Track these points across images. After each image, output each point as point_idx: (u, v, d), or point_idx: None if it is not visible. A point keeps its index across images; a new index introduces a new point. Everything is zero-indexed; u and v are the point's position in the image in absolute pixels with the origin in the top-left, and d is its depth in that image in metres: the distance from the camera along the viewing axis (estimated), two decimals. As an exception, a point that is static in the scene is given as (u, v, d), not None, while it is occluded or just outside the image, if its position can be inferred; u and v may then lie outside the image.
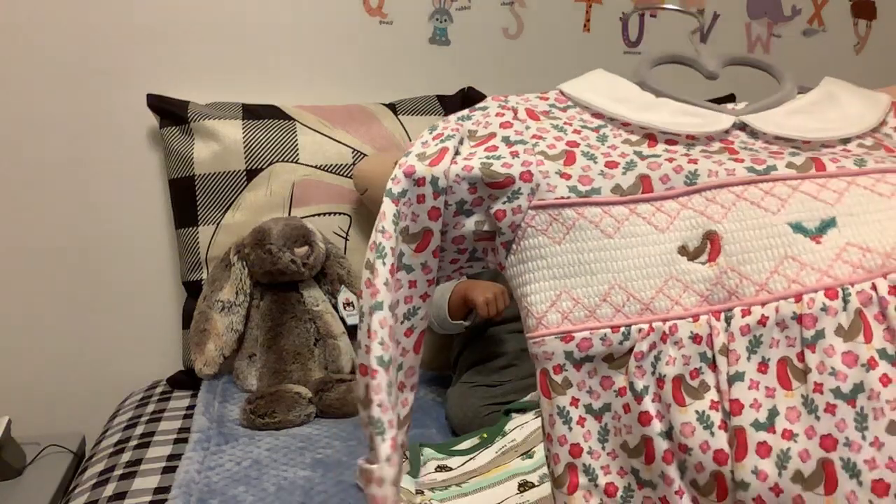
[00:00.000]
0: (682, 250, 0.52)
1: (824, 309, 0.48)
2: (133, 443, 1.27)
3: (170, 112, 1.58)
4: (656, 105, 0.60)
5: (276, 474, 1.12)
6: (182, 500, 1.02)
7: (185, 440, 1.23)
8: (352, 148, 1.63)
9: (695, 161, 0.54)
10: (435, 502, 0.96)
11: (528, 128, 0.59)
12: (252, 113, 1.61)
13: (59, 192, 1.61)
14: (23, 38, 1.57)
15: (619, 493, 0.51)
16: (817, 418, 0.46)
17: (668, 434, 0.49)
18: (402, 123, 1.69)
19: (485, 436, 1.12)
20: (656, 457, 0.49)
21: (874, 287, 0.48)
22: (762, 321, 0.49)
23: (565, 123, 0.60)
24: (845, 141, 0.57)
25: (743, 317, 0.49)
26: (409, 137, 1.67)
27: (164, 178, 1.64)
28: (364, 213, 1.63)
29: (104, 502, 1.08)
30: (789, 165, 0.53)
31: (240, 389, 1.46)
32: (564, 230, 0.54)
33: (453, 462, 1.06)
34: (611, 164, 0.56)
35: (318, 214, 1.59)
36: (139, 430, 1.33)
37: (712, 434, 0.48)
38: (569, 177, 0.55)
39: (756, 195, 0.52)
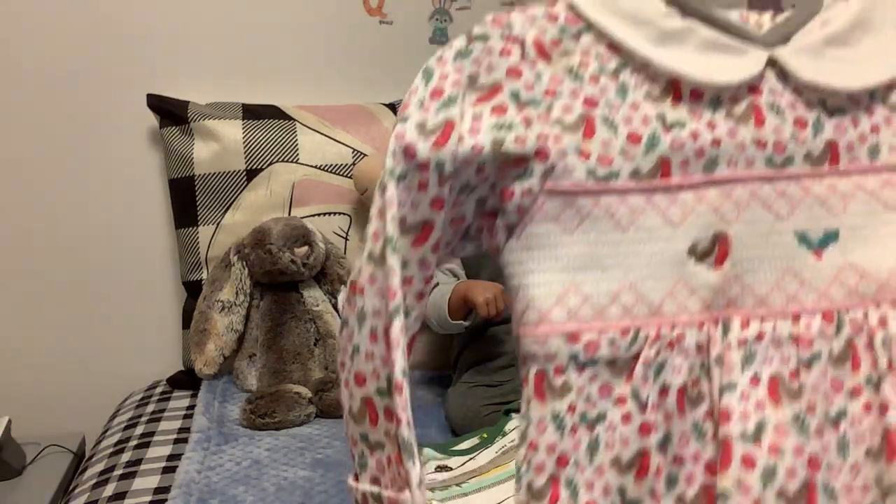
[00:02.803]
0: (692, 250, 0.50)
1: (821, 333, 0.49)
2: (133, 443, 1.27)
3: (170, 112, 1.58)
4: (681, 32, 0.51)
5: (276, 474, 1.12)
6: (182, 500, 1.02)
7: (185, 440, 1.23)
8: (352, 148, 1.63)
9: (717, 143, 0.51)
10: (435, 502, 0.96)
11: (539, 77, 0.51)
12: (252, 113, 1.61)
13: (59, 192, 1.61)
14: (23, 39, 1.57)
15: None
16: (807, 438, 0.47)
17: (663, 446, 0.48)
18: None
19: (485, 436, 1.11)
20: (650, 471, 0.48)
21: (865, 316, 0.49)
22: (759, 337, 0.49)
23: (580, 66, 0.51)
24: (872, 95, 0.53)
25: (742, 329, 0.49)
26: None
27: (164, 178, 1.64)
28: (364, 213, 1.63)
29: (104, 502, 1.08)
30: (807, 157, 0.52)
31: (240, 389, 1.46)
32: (578, 219, 0.50)
33: (453, 462, 1.06)
34: (633, 138, 0.50)
35: (318, 214, 1.59)
36: (139, 430, 1.33)
37: (705, 444, 0.48)
38: (587, 156, 0.50)
39: (769, 195, 0.51)
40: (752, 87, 0.52)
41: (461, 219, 0.54)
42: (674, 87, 0.51)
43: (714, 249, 0.50)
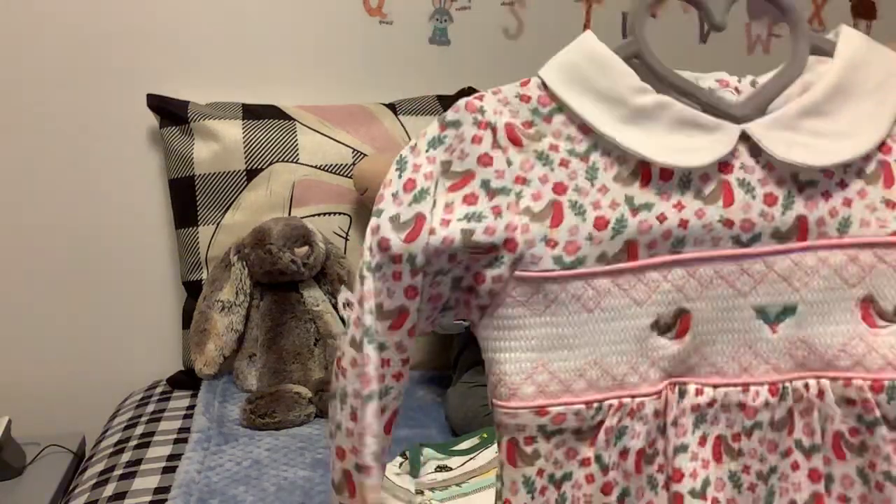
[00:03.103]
0: (654, 325, 0.53)
1: (766, 404, 0.54)
2: (133, 443, 1.27)
3: (170, 112, 1.58)
4: (653, 111, 0.52)
5: (276, 474, 1.12)
6: (182, 500, 1.02)
7: (185, 440, 1.23)
8: (352, 148, 1.63)
9: (684, 224, 0.52)
10: (435, 502, 0.96)
11: (509, 163, 0.52)
12: (252, 113, 1.61)
13: (59, 191, 1.61)
14: (23, 39, 1.57)
15: None
16: (739, 493, 0.54)
17: (621, 499, 0.53)
18: (402, 123, 1.69)
19: (485, 436, 1.12)
20: None
21: (806, 387, 0.54)
22: (711, 403, 0.54)
23: (550, 148, 0.53)
24: (847, 167, 0.54)
25: (696, 395, 0.54)
26: (408, 137, 1.66)
27: (164, 178, 1.64)
28: (364, 213, 1.63)
29: (104, 502, 1.08)
30: (774, 233, 0.53)
31: (240, 389, 1.46)
32: (546, 303, 0.53)
33: (453, 462, 1.06)
34: (600, 223, 0.52)
35: (318, 214, 1.59)
36: (139, 430, 1.33)
37: (656, 494, 0.54)
38: (554, 245, 0.52)
39: (733, 273, 0.53)
40: (724, 163, 0.53)
41: (438, 297, 0.56)
42: (643, 169, 0.53)
43: (676, 324, 0.53)
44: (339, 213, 1.62)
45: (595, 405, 0.53)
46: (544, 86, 0.54)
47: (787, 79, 0.54)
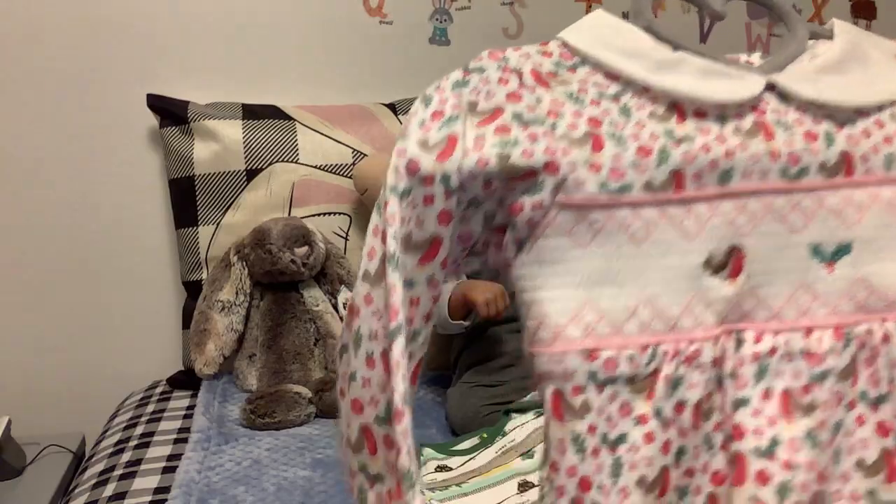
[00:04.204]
0: (707, 263, 0.50)
1: (831, 349, 0.49)
2: (133, 443, 1.27)
3: (170, 112, 1.58)
4: (675, 62, 0.51)
5: (276, 474, 1.12)
6: (182, 500, 1.02)
7: (185, 440, 1.23)
8: (352, 148, 1.63)
9: (730, 155, 0.50)
10: (435, 502, 0.96)
11: (539, 100, 0.50)
12: (252, 113, 1.61)
13: (59, 192, 1.61)
14: (23, 39, 1.57)
15: None
16: (821, 452, 0.48)
17: (678, 461, 0.48)
18: (402, 123, 1.68)
19: (485, 436, 1.12)
20: (669, 488, 0.47)
21: (870, 332, 0.50)
22: (772, 351, 0.49)
23: (579, 91, 0.51)
24: (879, 108, 0.53)
25: (755, 343, 0.50)
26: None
27: (164, 178, 1.64)
28: (364, 213, 1.63)
29: (104, 502, 1.08)
30: (821, 167, 0.51)
31: (240, 389, 1.46)
32: (592, 233, 0.48)
33: (453, 462, 1.06)
34: (642, 152, 0.49)
35: (318, 214, 1.59)
36: (139, 430, 1.33)
37: (713, 455, 0.48)
38: (598, 169, 0.48)
39: (784, 207, 0.51)
40: (754, 107, 0.52)
41: (468, 235, 0.52)
42: (677, 108, 0.51)
43: (729, 263, 0.50)
44: (339, 213, 1.62)
45: (650, 350, 0.48)
46: (565, 45, 0.53)
47: (795, 48, 0.55)
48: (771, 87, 0.52)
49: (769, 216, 0.50)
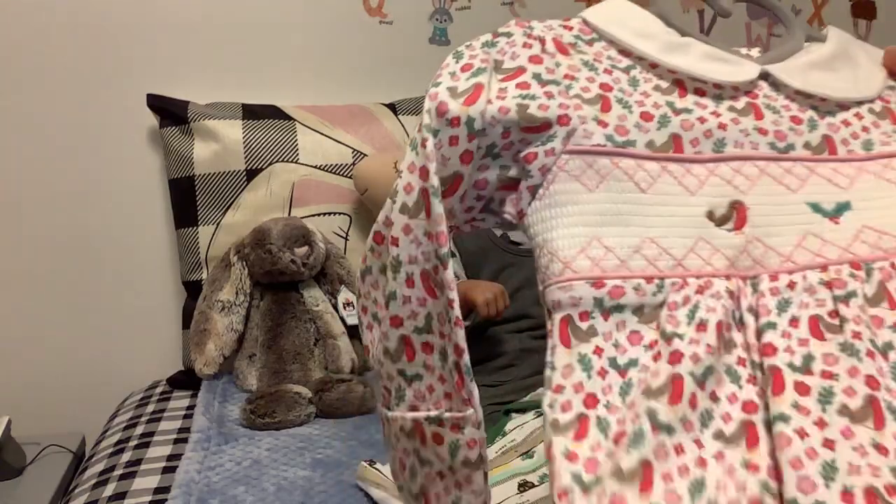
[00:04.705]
0: (710, 215, 0.52)
1: (852, 275, 0.51)
2: (133, 443, 1.27)
3: (170, 112, 1.58)
4: (682, 46, 0.58)
5: (276, 474, 1.12)
6: (182, 500, 1.02)
7: (185, 440, 1.23)
8: (352, 148, 1.63)
9: (723, 127, 0.55)
10: (435, 502, 0.96)
11: (558, 65, 0.56)
12: (252, 113, 1.61)
13: (59, 192, 1.61)
14: (23, 39, 1.57)
15: (628, 438, 0.46)
16: (860, 360, 0.48)
17: (702, 378, 0.47)
18: (402, 123, 1.69)
19: (485, 436, 1.11)
20: (683, 398, 0.46)
21: (893, 265, 0.51)
22: (790, 285, 0.50)
23: (594, 60, 0.57)
24: (859, 103, 0.59)
25: (771, 281, 0.51)
26: (408, 137, 1.67)
27: (164, 178, 1.64)
28: (364, 213, 1.63)
29: (104, 502, 1.08)
30: (806, 146, 0.56)
31: (240, 389, 1.46)
32: (599, 178, 0.52)
33: (453, 462, 1.06)
34: (645, 116, 0.55)
35: (318, 214, 1.59)
36: (139, 430, 1.33)
37: (740, 387, 0.48)
38: (606, 125, 0.54)
39: (777, 172, 0.54)
40: (748, 91, 0.58)
41: (484, 182, 0.57)
42: (679, 84, 0.57)
43: (733, 215, 0.52)
44: (339, 213, 1.62)
45: (656, 281, 0.49)
46: (585, 22, 0.60)
47: (792, 45, 0.61)
48: (765, 77, 0.58)
49: (765, 177, 0.54)
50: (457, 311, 0.53)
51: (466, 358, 0.54)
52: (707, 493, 0.44)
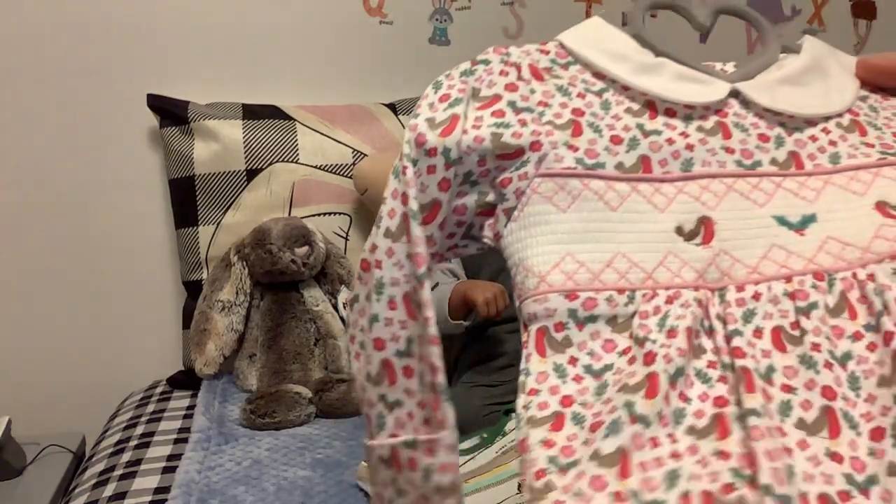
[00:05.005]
0: (679, 230, 0.54)
1: (814, 287, 0.52)
2: (133, 443, 1.27)
3: (170, 112, 1.58)
4: (655, 66, 0.60)
5: (276, 474, 1.12)
6: (182, 500, 1.02)
7: (185, 440, 1.24)
8: (352, 148, 1.63)
9: (691, 147, 0.57)
10: (435, 502, 0.96)
11: (533, 91, 0.58)
12: (252, 113, 1.61)
13: (58, 191, 1.61)
14: (23, 39, 1.57)
15: (605, 426, 0.48)
16: (817, 372, 0.50)
17: (673, 378, 0.49)
18: (402, 123, 1.69)
19: (485, 436, 1.12)
20: (659, 393, 0.48)
21: (854, 276, 0.53)
22: (755, 296, 0.52)
23: (569, 84, 0.59)
24: (826, 118, 0.60)
25: (738, 291, 0.53)
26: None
27: (164, 178, 1.64)
28: (364, 213, 1.63)
29: (104, 502, 1.08)
30: (772, 162, 0.57)
31: (240, 389, 1.46)
32: (570, 199, 0.54)
33: (453, 462, 1.06)
34: (615, 140, 0.57)
35: (318, 214, 1.59)
36: (139, 430, 1.33)
37: (711, 386, 0.50)
38: (576, 149, 0.56)
39: (745, 188, 0.56)
40: (718, 110, 0.59)
41: (463, 208, 0.59)
42: (650, 106, 0.59)
43: (701, 230, 0.54)
44: (339, 213, 1.62)
45: (627, 292, 0.52)
46: (561, 46, 0.62)
47: (766, 59, 0.63)
48: (736, 94, 0.60)
49: (732, 193, 0.56)
50: (432, 330, 0.54)
51: (442, 377, 0.54)
52: (681, 483, 0.46)
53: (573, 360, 0.51)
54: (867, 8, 2.09)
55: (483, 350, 1.38)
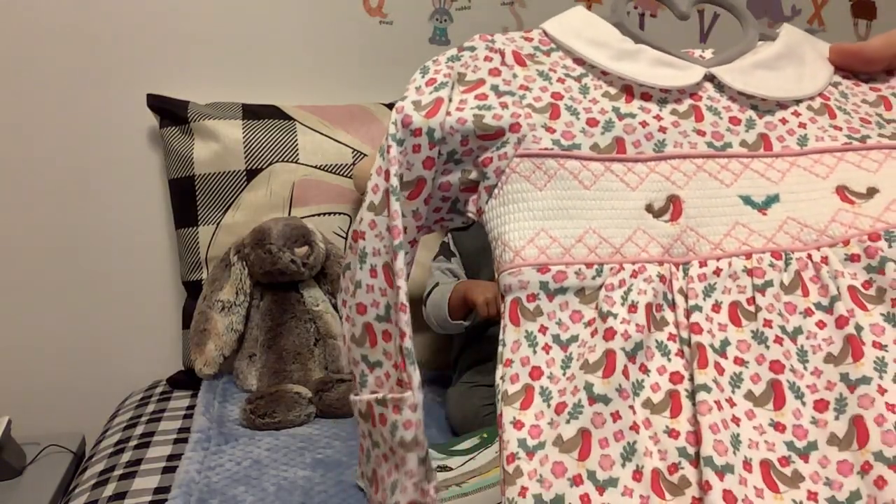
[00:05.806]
0: (649, 208, 0.57)
1: (771, 265, 0.56)
2: (133, 443, 1.27)
3: (170, 112, 1.58)
4: (634, 53, 0.63)
5: (276, 474, 1.12)
6: (182, 500, 1.02)
7: (185, 440, 1.24)
8: (352, 148, 1.63)
9: (664, 130, 0.60)
10: (435, 502, 0.96)
11: (515, 76, 0.62)
12: (252, 113, 1.61)
13: (58, 191, 1.61)
14: (23, 39, 1.57)
15: (567, 410, 0.52)
16: (767, 347, 0.54)
17: (631, 353, 0.53)
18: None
19: (485, 436, 1.12)
20: (616, 370, 0.52)
21: (809, 256, 0.56)
22: (717, 272, 0.56)
23: (549, 70, 0.63)
24: (798, 101, 0.63)
25: (700, 267, 0.56)
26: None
27: (164, 178, 1.64)
28: (364, 213, 1.63)
29: (104, 502, 1.08)
30: (742, 143, 0.61)
31: (240, 389, 1.46)
32: (546, 178, 0.58)
33: (453, 462, 1.06)
34: (591, 122, 0.60)
35: (318, 214, 1.60)
36: (139, 430, 1.33)
37: (669, 360, 0.53)
38: (553, 131, 0.59)
39: (714, 168, 0.59)
40: (693, 93, 0.63)
41: (447, 185, 0.62)
42: (627, 90, 0.62)
43: (669, 208, 0.57)
44: (339, 213, 1.62)
45: (595, 266, 0.55)
46: (545, 33, 0.65)
47: (743, 46, 0.65)
48: (711, 79, 0.63)
49: (701, 173, 0.59)
50: (403, 298, 0.58)
51: (409, 342, 0.58)
52: (636, 459, 0.50)
53: (543, 329, 0.55)
54: (867, 8, 2.09)
55: (483, 350, 1.38)
